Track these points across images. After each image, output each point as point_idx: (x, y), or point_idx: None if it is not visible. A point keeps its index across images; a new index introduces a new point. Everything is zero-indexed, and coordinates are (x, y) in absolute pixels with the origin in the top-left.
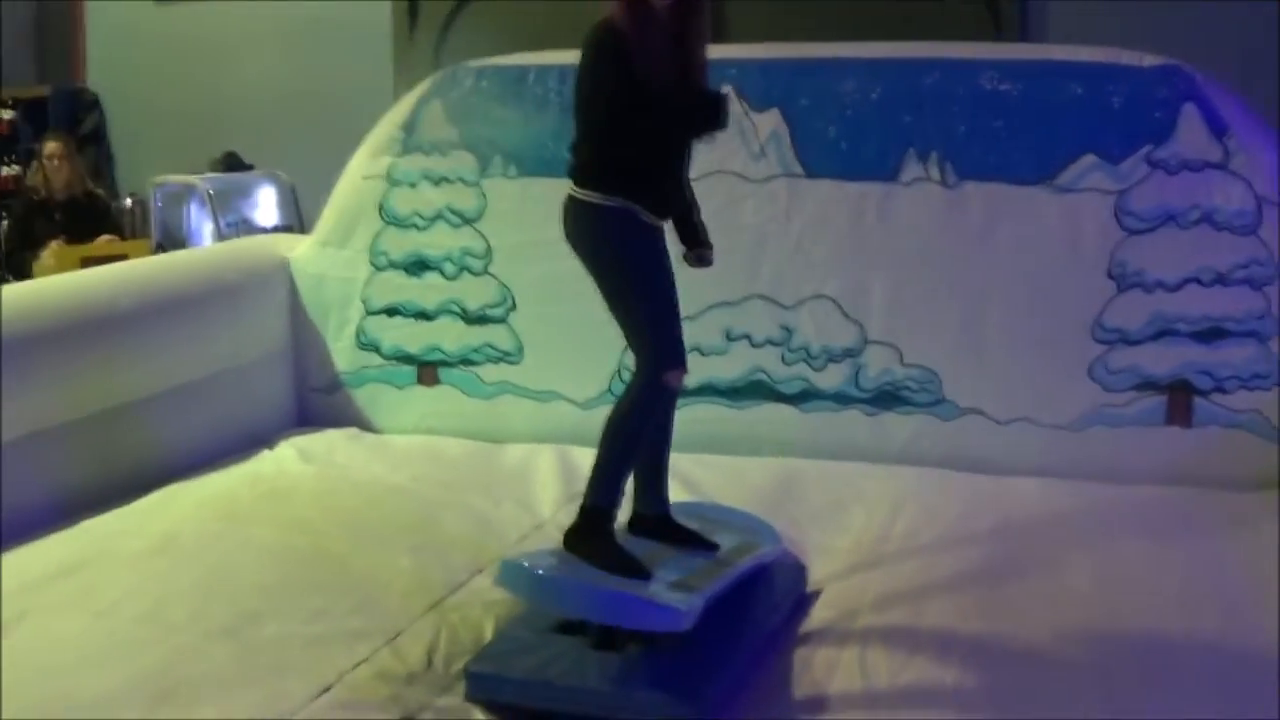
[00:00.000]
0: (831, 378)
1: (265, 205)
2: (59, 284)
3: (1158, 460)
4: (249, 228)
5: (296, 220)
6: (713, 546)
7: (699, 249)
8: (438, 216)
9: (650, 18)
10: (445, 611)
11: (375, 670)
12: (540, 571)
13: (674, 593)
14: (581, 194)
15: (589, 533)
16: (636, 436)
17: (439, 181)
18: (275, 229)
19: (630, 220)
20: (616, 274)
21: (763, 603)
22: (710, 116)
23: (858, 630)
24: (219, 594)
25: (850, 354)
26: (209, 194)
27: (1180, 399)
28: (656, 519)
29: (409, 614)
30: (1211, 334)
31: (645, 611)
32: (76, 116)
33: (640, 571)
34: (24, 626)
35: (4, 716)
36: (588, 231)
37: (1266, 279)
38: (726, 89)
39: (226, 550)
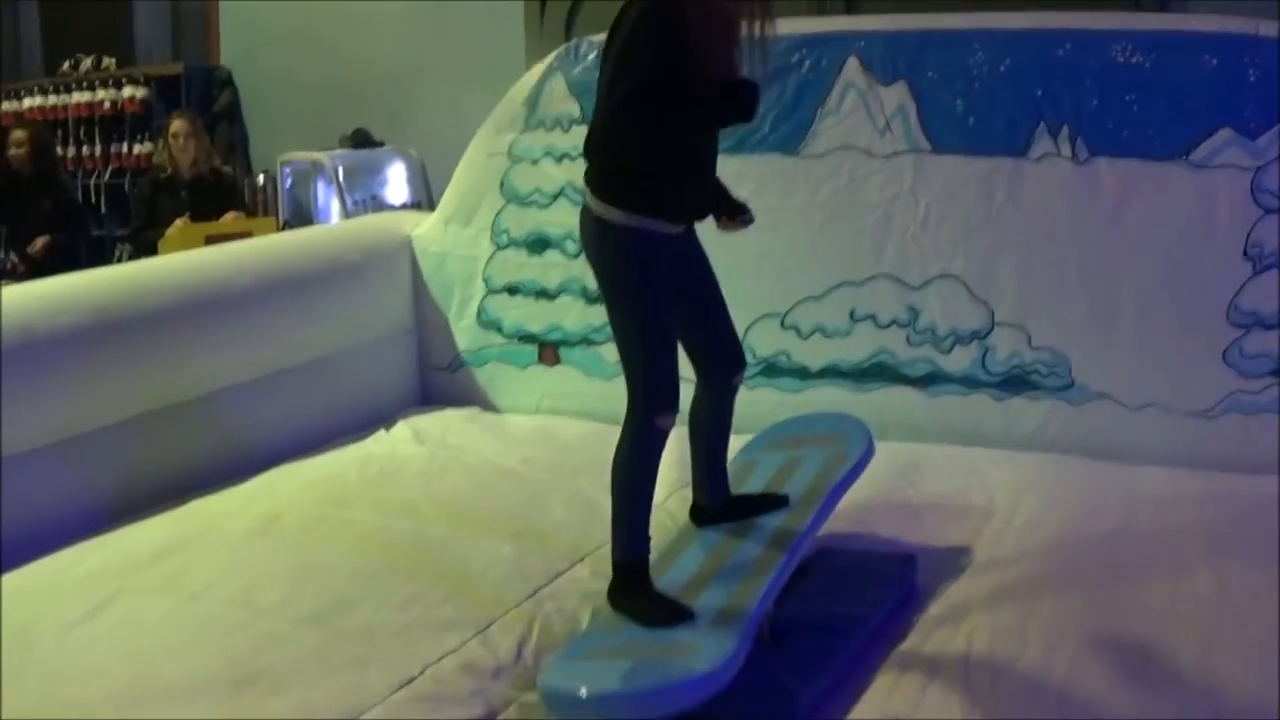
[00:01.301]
0: (958, 360)
1: (395, 182)
2: (176, 262)
3: None
4: (377, 205)
5: (426, 197)
6: (782, 501)
7: (738, 216)
8: (559, 194)
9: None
10: (541, 601)
11: (462, 662)
12: (580, 693)
13: (712, 639)
14: (600, 208)
15: (626, 590)
16: (641, 482)
17: (561, 158)
18: (404, 206)
19: (650, 241)
20: (622, 302)
21: (866, 597)
22: (742, 107)
23: (964, 629)
24: (312, 578)
25: (977, 336)
26: (336, 171)
27: None
28: (718, 507)
29: (503, 604)
30: None
31: (676, 696)
32: (210, 94)
33: (682, 615)
34: (114, 607)
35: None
36: (602, 252)
37: None
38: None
39: (326, 533)
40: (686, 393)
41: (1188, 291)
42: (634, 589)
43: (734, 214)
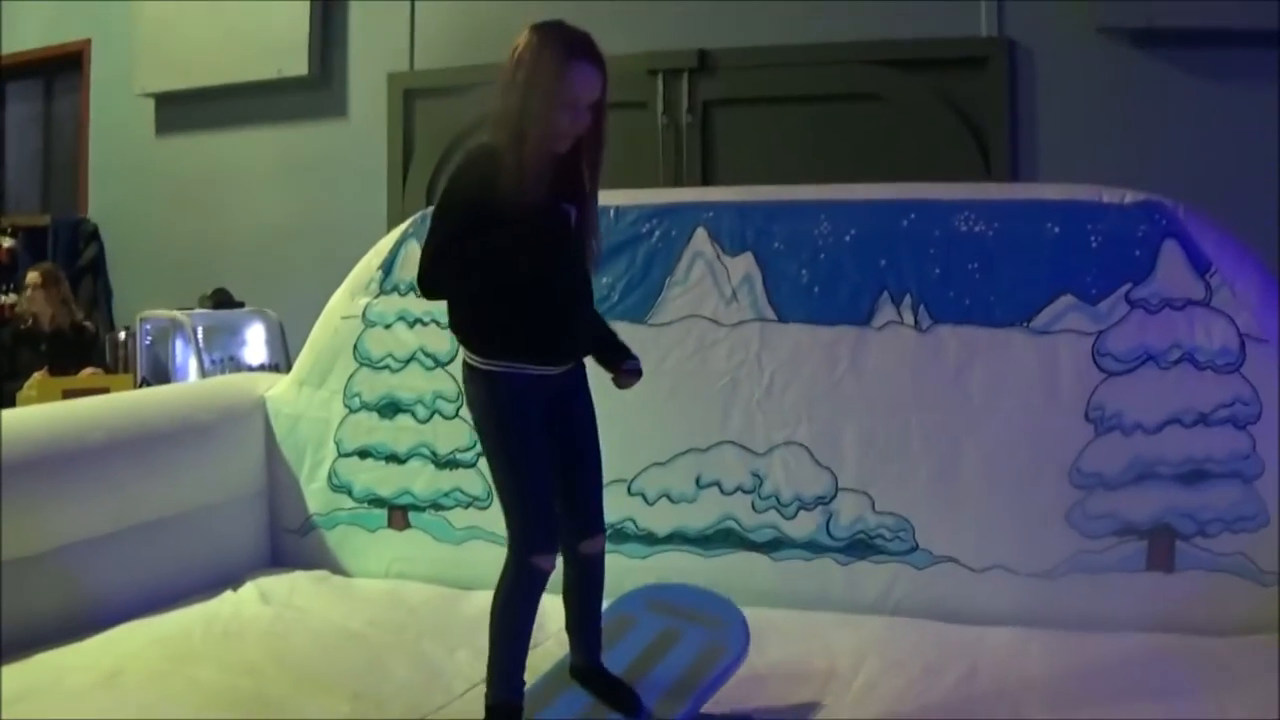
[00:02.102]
0: (803, 526)
1: (253, 343)
2: (31, 415)
3: (1139, 607)
4: (235, 365)
5: (284, 358)
6: (634, 703)
7: (625, 366)
8: (411, 358)
9: (543, 154)
10: None
11: None
12: None
13: None
14: (465, 354)
15: None
16: (517, 623)
17: (414, 323)
18: (262, 367)
19: (513, 384)
20: (493, 442)
21: None
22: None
23: None
24: None
25: (821, 501)
26: (195, 330)
27: (1161, 543)
28: (585, 670)
29: None
30: (1193, 476)
31: None
32: (77, 247)
33: None
34: None
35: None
36: (470, 394)
37: (1250, 418)
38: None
39: (169, 689)
40: None
41: (1030, 454)
42: None
43: (618, 365)
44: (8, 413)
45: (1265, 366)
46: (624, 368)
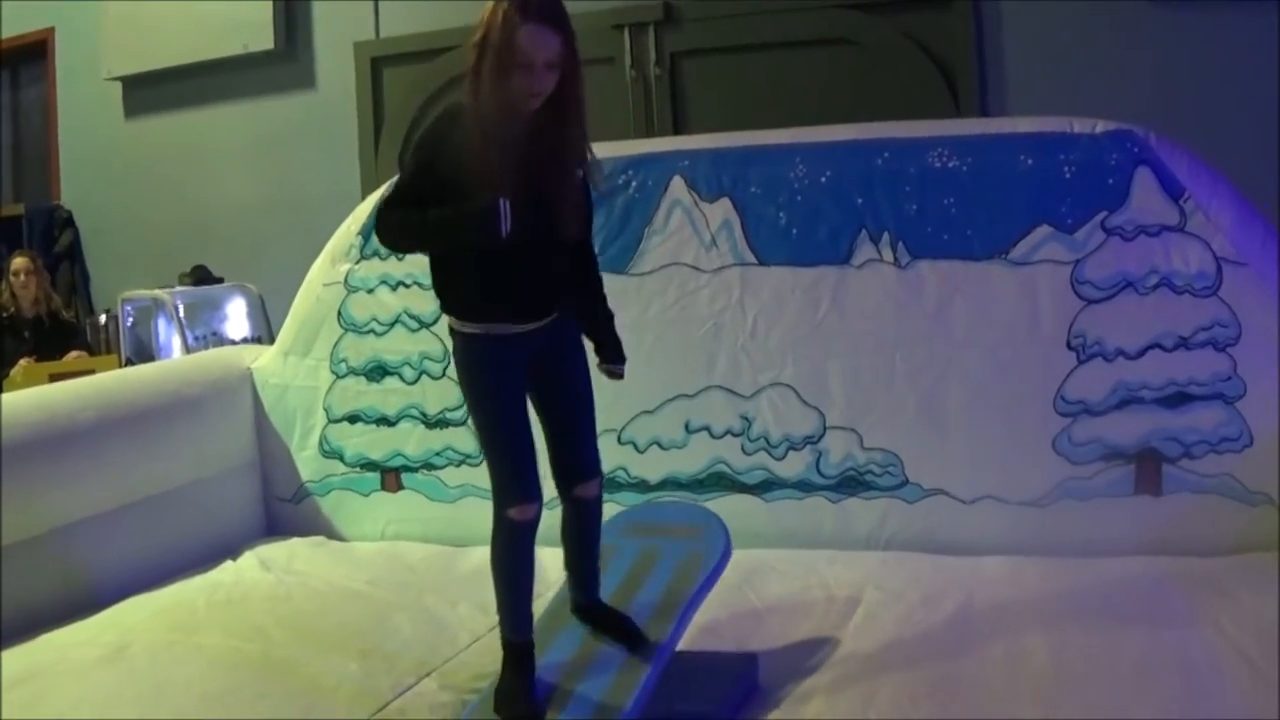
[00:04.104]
0: (793, 466)
1: (235, 318)
2: (19, 399)
3: (1128, 531)
4: (218, 340)
5: (266, 331)
6: (636, 639)
7: (610, 365)
8: (396, 321)
9: (500, 114)
10: (388, 716)
11: None
12: None
13: None
14: (447, 317)
15: (505, 665)
16: (510, 570)
17: (396, 286)
18: (244, 341)
19: (487, 345)
20: (470, 402)
21: (708, 695)
22: (477, 229)
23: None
24: (164, 703)
25: (810, 441)
26: (177, 308)
27: (1148, 467)
28: (585, 607)
29: None
30: (1177, 399)
31: None
32: (52, 234)
33: (522, 718)
34: None
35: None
36: (454, 356)
37: (1230, 340)
38: (503, 202)
39: (176, 659)
40: None
41: (1014, 385)
42: (510, 667)
43: (605, 360)
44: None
45: (1242, 289)
46: (609, 367)
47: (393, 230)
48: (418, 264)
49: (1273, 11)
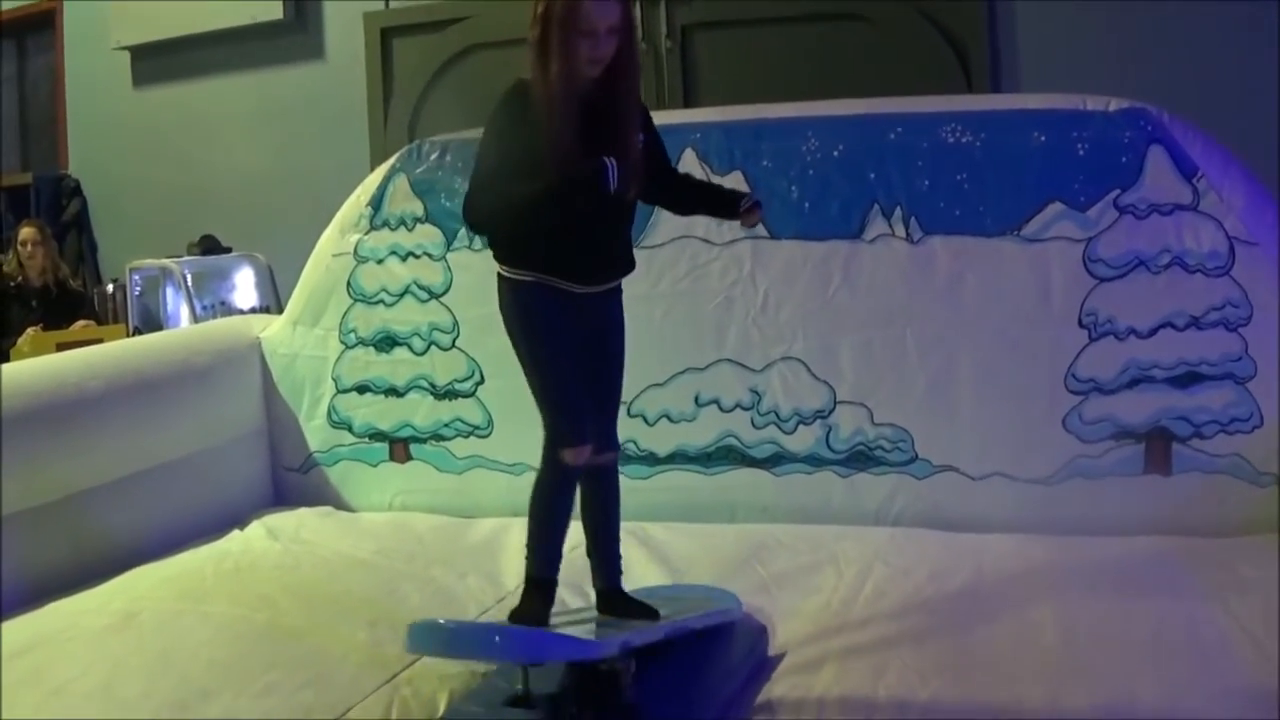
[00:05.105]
0: (803, 440)
1: (243, 287)
2: (27, 368)
3: (1137, 510)
4: (226, 310)
5: (274, 301)
6: (655, 614)
7: (744, 206)
8: (405, 292)
9: (569, 83)
10: (398, 686)
11: None
12: (444, 622)
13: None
14: (499, 266)
15: (524, 595)
16: (550, 511)
17: (406, 256)
18: (252, 310)
19: (541, 295)
20: (523, 348)
21: (719, 668)
22: (585, 189)
23: (817, 692)
24: (172, 670)
25: (820, 415)
26: (185, 277)
27: (1158, 447)
28: (606, 594)
29: (361, 689)
30: (1187, 379)
31: (554, 644)
32: (59, 203)
33: (535, 623)
34: None
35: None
36: (502, 304)
37: (1241, 320)
38: (610, 160)
39: (184, 627)
40: None
41: (1025, 362)
42: (529, 596)
43: (738, 209)
44: (5, 367)
45: (1254, 269)
46: (743, 208)
47: (492, 212)
48: (427, 235)
49: None
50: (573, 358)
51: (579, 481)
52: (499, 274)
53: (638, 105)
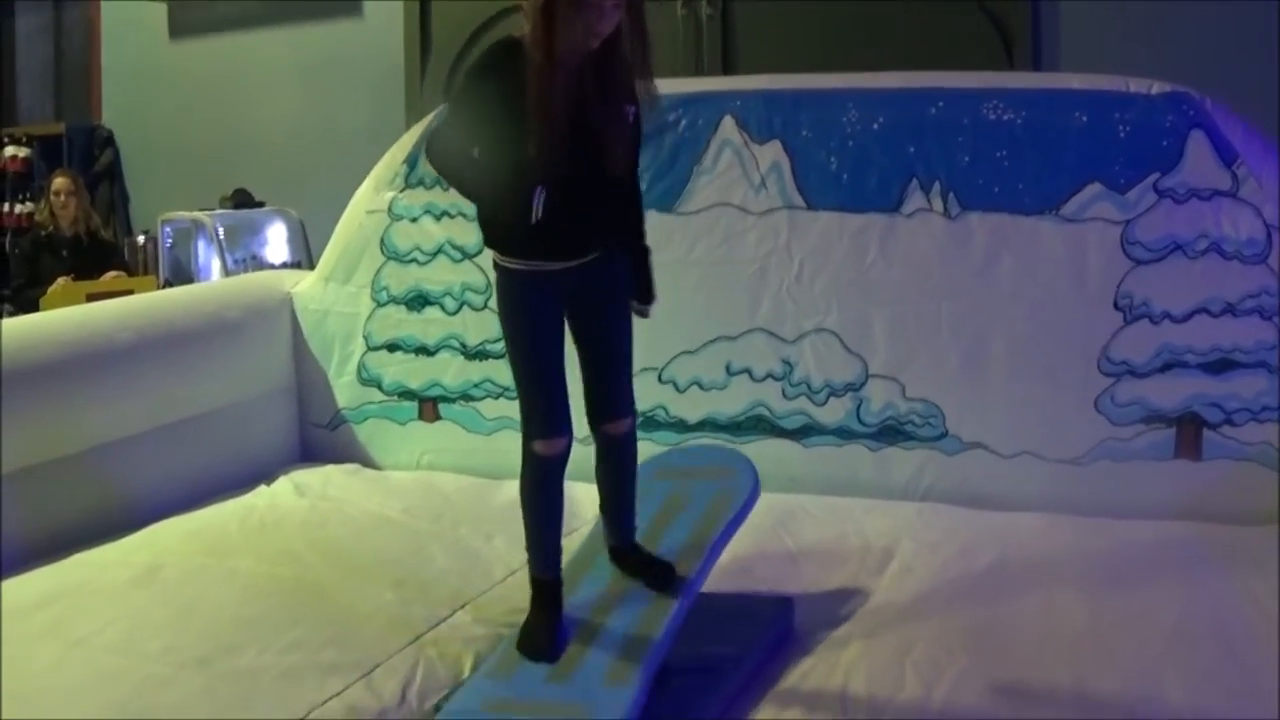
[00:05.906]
0: (833, 412)
1: (275, 242)
2: (58, 318)
3: (1166, 494)
4: (258, 264)
5: (306, 257)
6: (667, 576)
7: (638, 304)
8: (439, 251)
9: (568, 54)
10: (423, 646)
11: (347, 704)
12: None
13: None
14: (490, 251)
15: (532, 603)
16: (537, 505)
17: (440, 216)
18: (284, 265)
19: (525, 280)
20: (505, 335)
21: (743, 638)
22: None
23: (841, 667)
24: (195, 624)
25: (852, 388)
26: (217, 230)
27: (1189, 432)
28: (620, 551)
29: (386, 648)
30: (1220, 365)
31: None
32: (92, 153)
33: (541, 657)
34: None
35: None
36: (495, 289)
37: (1276, 308)
38: (540, 190)
39: (208, 581)
40: None
41: (1059, 342)
42: (536, 605)
43: (640, 298)
44: (35, 316)
45: None
46: (637, 305)
47: (445, 161)
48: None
49: None
50: (556, 345)
51: (597, 445)
52: (492, 260)
53: (629, 83)
